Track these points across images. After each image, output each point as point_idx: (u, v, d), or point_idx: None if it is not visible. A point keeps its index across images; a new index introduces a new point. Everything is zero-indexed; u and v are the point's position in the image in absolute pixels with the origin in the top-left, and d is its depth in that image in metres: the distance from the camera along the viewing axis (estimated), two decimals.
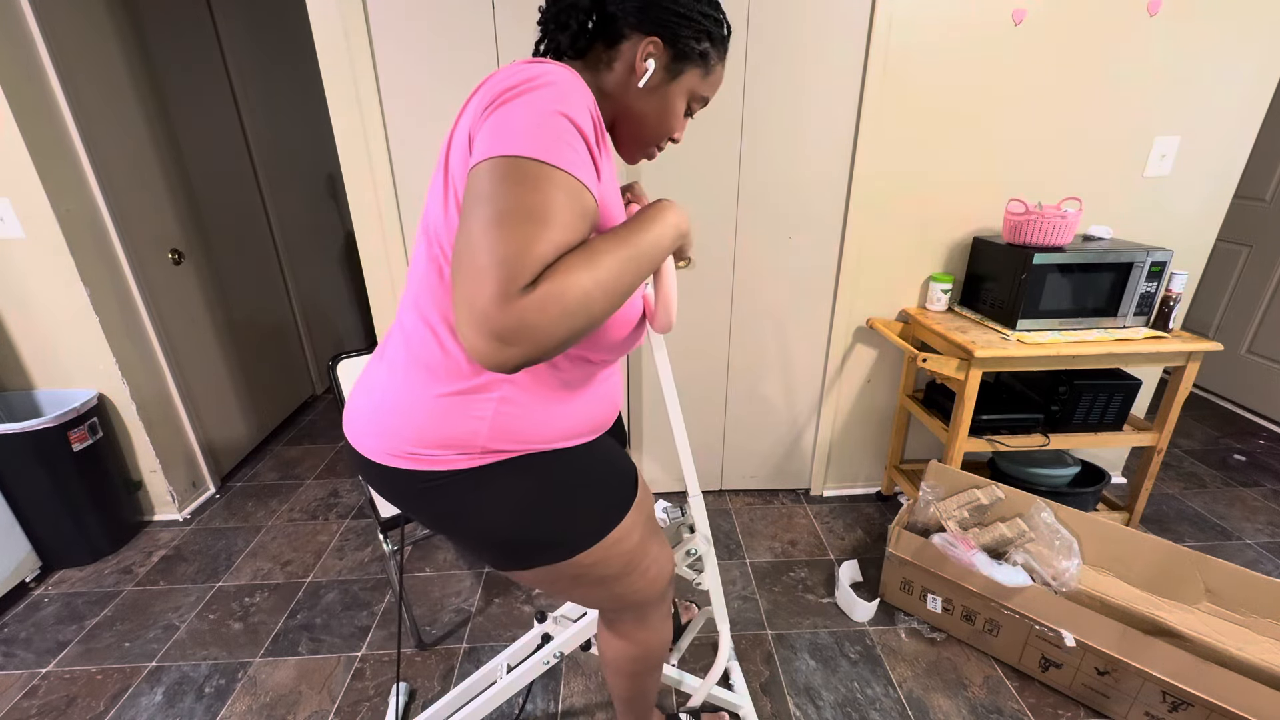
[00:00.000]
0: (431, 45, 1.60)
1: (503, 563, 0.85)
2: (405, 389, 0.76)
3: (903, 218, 1.84)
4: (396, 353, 0.79)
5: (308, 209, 3.07)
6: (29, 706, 1.43)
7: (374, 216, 1.75)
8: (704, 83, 0.80)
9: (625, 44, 0.75)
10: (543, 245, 0.56)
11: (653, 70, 0.75)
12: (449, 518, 0.80)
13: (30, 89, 1.64)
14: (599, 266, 0.59)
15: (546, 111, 0.60)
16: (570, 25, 0.75)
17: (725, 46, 0.81)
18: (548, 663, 1.20)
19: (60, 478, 1.79)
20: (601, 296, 0.59)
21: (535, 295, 0.54)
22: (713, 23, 0.77)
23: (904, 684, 1.47)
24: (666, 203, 0.73)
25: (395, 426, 0.76)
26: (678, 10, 0.74)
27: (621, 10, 0.74)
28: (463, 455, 0.75)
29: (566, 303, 0.56)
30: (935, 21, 1.63)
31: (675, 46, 0.75)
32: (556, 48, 0.78)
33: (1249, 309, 2.76)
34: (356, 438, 0.80)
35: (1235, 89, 1.74)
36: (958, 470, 1.70)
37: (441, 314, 0.73)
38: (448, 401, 0.73)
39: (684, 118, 0.83)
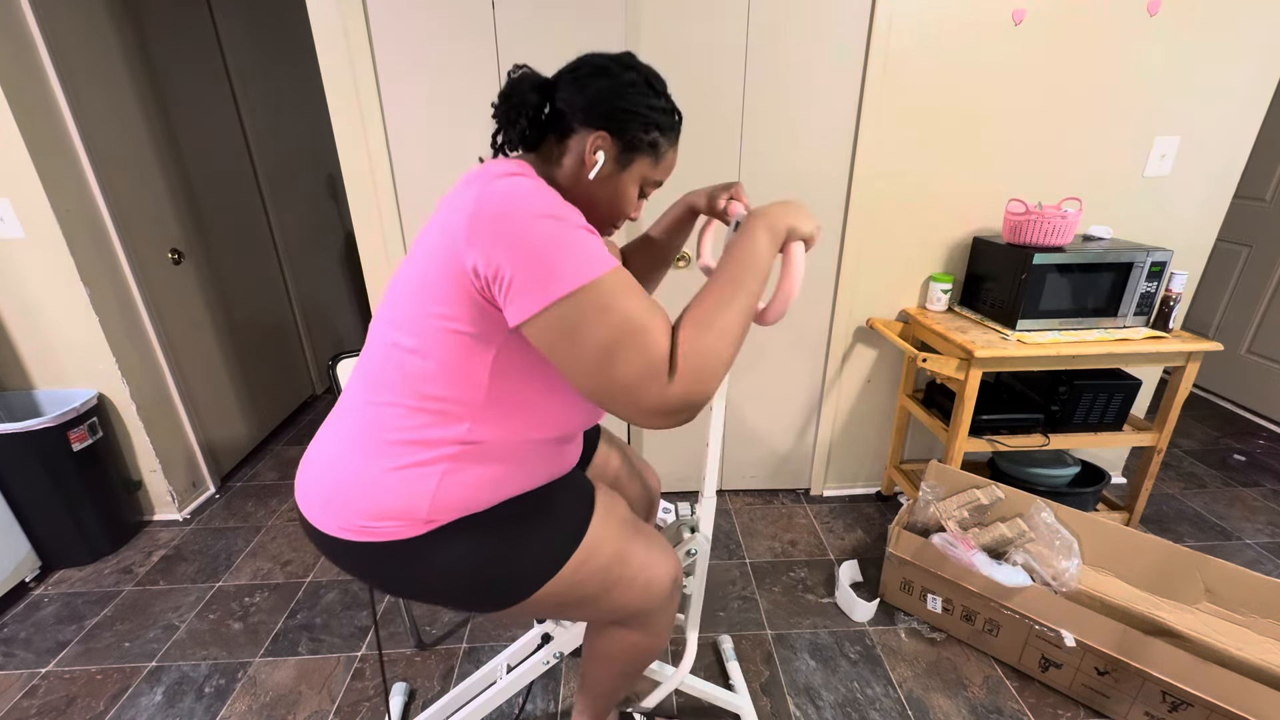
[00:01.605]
0: (431, 45, 1.60)
1: (473, 610, 0.87)
2: (353, 465, 0.78)
3: (903, 217, 1.84)
4: (342, 428, 0.81)
5: (308, 209, 3.07)
6: (29, 706, 1.43)
7: (374, 216, 1.75)
8: (656, 169, 0.83)
9: (574, 138, 0.79)
10: (656, 342, 0.67)
11: (602, 163, 0.78)
12: (402, 584, 0.83)
13: (30, 89, 1.64)
14: (716, 321, 0.70)
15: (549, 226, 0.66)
16: (520, 122, 0.78)
17: (676, 133, 0.84)
18: (548, 663, 1.20)
19: (60, 478, 1.79)
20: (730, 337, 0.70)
21: (682, 375, 0.66)
22: (660, 114, 0.80)
23: (904, 684, 1.47)
24: (757, 215, 0.77)
25: (343, 501, 0.78)
26: (624, 106, 0.77)
27: (569, 107, 0.78)
28: (407, 526, 0.77)
29: (707, 362, 0.68)
30: (935, 21, 1.63)
31: (624, 139, 0.78)
32: (510, 141, 0.81)
33: (1249, 309, 2.76)
34: (307, 509, 0.82)
35: (1235, 89, 1.74)
36: (958, 470, 1.70)
37: (390, 394, 0.76)
38: (392, 476, 0.76)
39: (638, 200, 0.86)
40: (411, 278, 0.74)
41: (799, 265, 0.79)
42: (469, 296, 0.70)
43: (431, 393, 0.75)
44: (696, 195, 1.02)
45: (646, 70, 0.80)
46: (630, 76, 0.78)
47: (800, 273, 0.79)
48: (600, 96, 0.77)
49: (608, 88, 0.77)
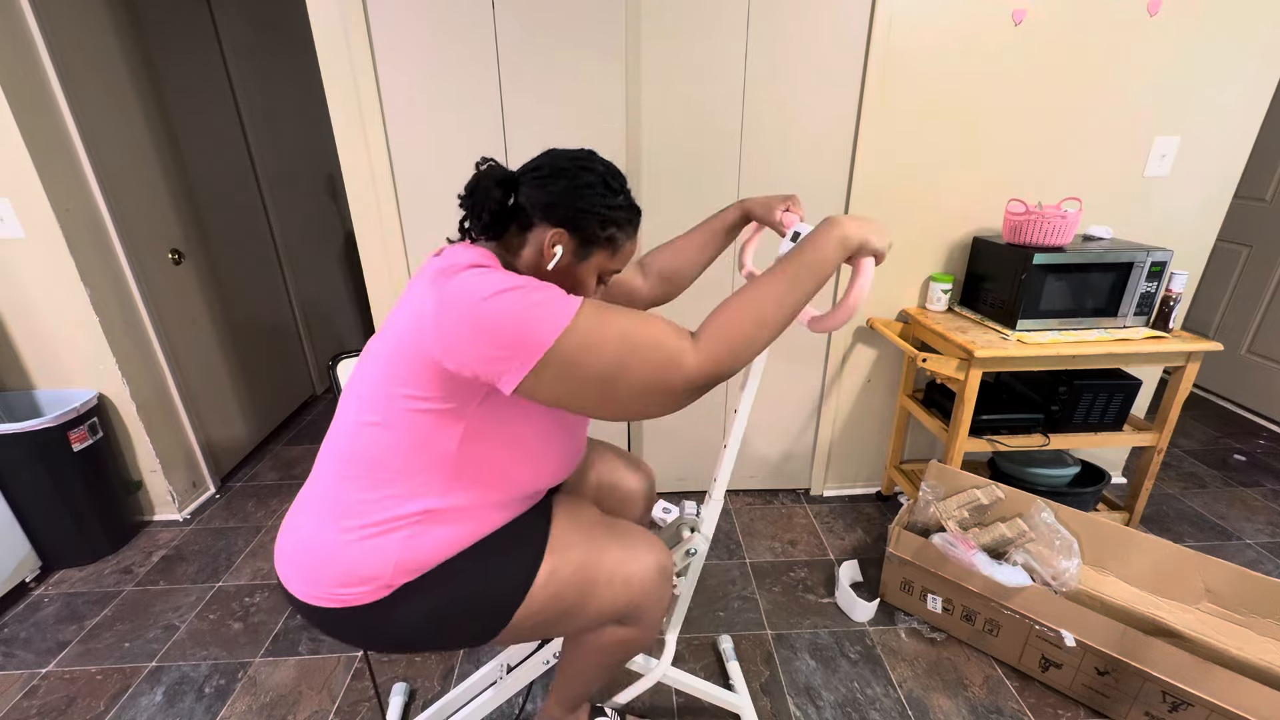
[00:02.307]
0: (431, 45, 1.60)
1: (461, 648, 0.91)
2: (320, 535, 0.82)
3: (903, 217, 1.84)
4: (314, 500, 0.85)
5: (308, 209, 3.07)
6: (29, 706, 1.43)
7: (374, 216, 1.75)
8: (613, 260, 0.87)
9: (535, 231, 0.82)
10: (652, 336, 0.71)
11: (560, 256, 0.82)
12: (380, 642, 0.86)
13: (30, 89, 1.64)
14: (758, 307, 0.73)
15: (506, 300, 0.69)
16: (484, 215, 0.82)
17: (635, 226, 0.87)
18: (547, 663, 1.20)
19: (60, 478, 1.79)
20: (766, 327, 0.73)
21: (703, 343, 0.71)
22: (618, 210, 0.83)
23: (904, 684, 1.47)
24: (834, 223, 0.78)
25: (313, 570, 0.82)
26: (581, 207, 0.81)
27: (530, 204, 0.82)
28: (372, 590, 0.80)
29: (735, 338, 0.71)
30: (935, 21, 1.63)
31: (581, 235, 0.82)
32: (474, 229, 0.84)
33: (1249, 309, 2.76)
34: (284, 577, 0.85)
35: (1235, 89, 1.74)
36: (958, 470, 1.70)
37: (358, 468, 0.80)
38: (358, 547, 0.80)
39: (597, 286, 0.90)
40: (381, 358, 0.78)
41: (867, 280, 0.79)
42: (439, 378, 0.73)
43: (399, 467, 0.78)
44: (752, 202, 1.04)
45: (605, 170, 0.84)
46: (588, 178, 0.82)
47: (868, 288, 0.80)
48: (559, 197, 0.81)
49: (566, 189, 0.81)
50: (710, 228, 1.10)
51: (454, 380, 0.73)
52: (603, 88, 1.66)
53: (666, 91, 1.69)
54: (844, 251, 0.78)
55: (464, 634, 0.87)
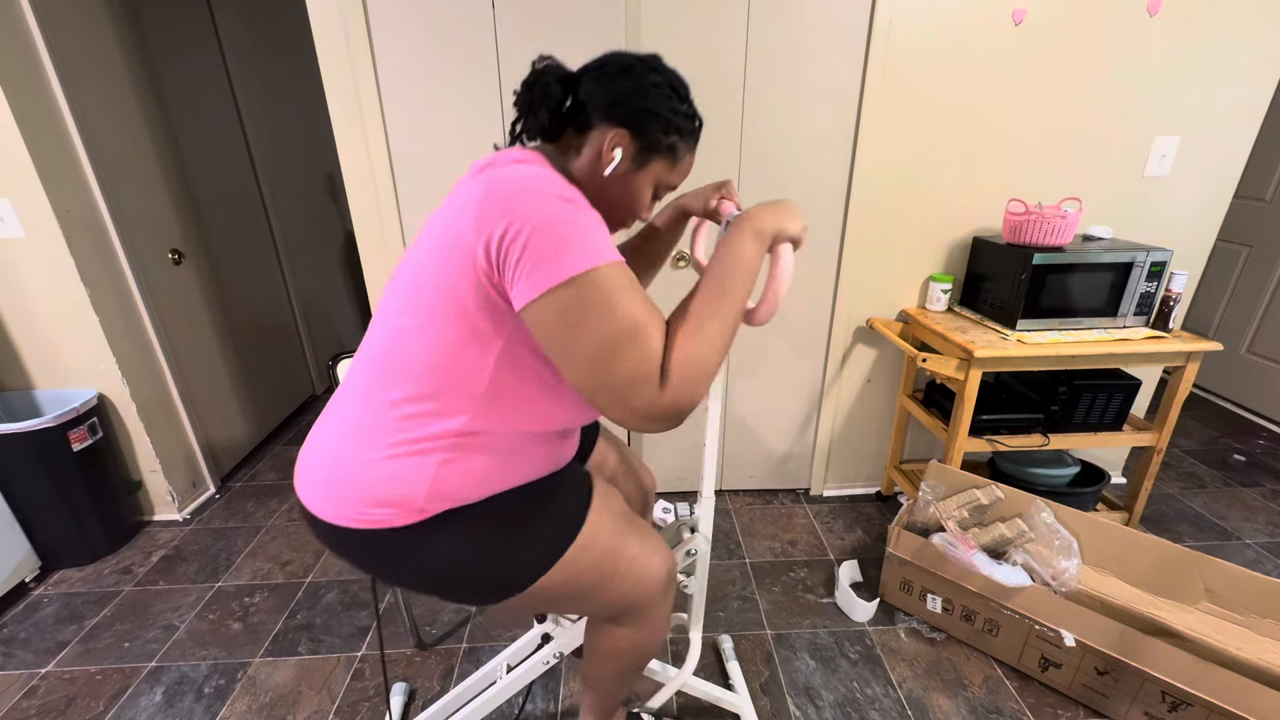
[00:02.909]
0: (431, 45, 1.60)
1: (469, 602, 0.87)
2: (349, 452, 0.78)
3: (903, 217, 1.84)
4: (342, 415, 0.81)
5: (308, 209, 3.07)
6: (29, 706, 1.43)
7: (374, 216, 1.75)
8: (672, 172, 0.83)
9: (594, 132, 0.79)
10: (652, 347, 0.68)
11: (619, 160, 0.78)
12: (401, 573, 0.83)
13: (30, 89, 1.64)
14: (705, 327, 0.71)
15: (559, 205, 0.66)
16: (541, 112, 0.78)
17: (695, 138, 0.84)
18: (548, 663, 1.20)
19: (60, 478, 1.79)
20: (719, 343, 0.72)
21: (673, 382, 0.68)
22: (682, 118, 0.80)
23: (904, 684, 1.47)
24: (743, 219, 0.77)
25: (341, 488, 0.78)
26: (646, 106, 0.77)
27: (591, 101, 0.78)
28: (404, 514, 0.77)
29: (697, 370, 0.69)
30: (935, 21, 1.63)
31: (643, 139, 0.78)
32: (529, 131, 0.81)
33: (1249, 309, 2.76)
34: (306, 496, 0.82)
35: (1235, 89, 1.74)
36: (958, 470, 1.70)
37: (391, 382, 0.76)
38: (387, 464, 0.76)
39: (651, 201, 0.85)
40: (420, 266, 0.74)
41: (787, 266, 0.79)
42: (478, 285, 0.69)
43: (432, 382, 0.74)
44: (688, 197, 1.02)
45: (671, 74, 0.80)
46: (655, 79, 0.78)
47: (789, 273, 0.79)
48: (624, 95, 0.77)
49: (632, 87, 0.77)
50: (648, 234, 1.08)
51: (489, 289, 0.69)
52: None
53: None
54: (761, 242, 0.77)
55: (480, 585, 0.84)
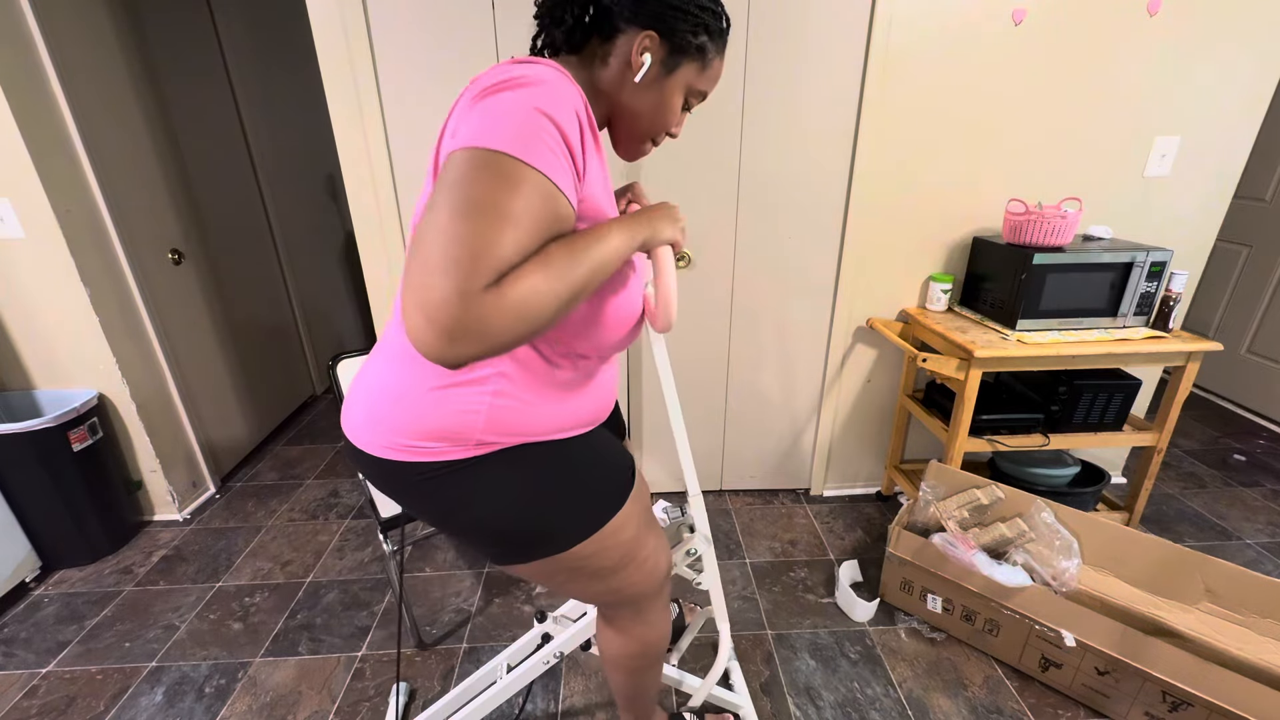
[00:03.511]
0: (431, 45, 1.60)
1: (502, 556, 0.85)
2: (399, 381, 0.76)
3: (903, 217, 1.84)
4: (391, 346, 0.79)
5: (308, 209, 3.07)
6: (29, 706, 1.43)
7: (374, 216, 1.75)
8: (702, 77, 0.80)
9: (621, 38, 0.75)
10: (508, 247, 0.55)
11: (649, 65, 0.75)
12: (445, 511, 0.80)
13: (30, 89, 1.64)
14: (558, 274, 0.59)
15: (528, 109, 0.60)
16: (565, 20, 0.75)
17: (724, 40, 0.80)
18: (548, 663, 1.20)
19: (60, 478, 1.79)
20: (555, 303, 0.59)
21: (493, 297, 0.54)
22: (710, 15, 0.76)
23: (904, 684, 1.47)
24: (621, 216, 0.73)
25: (389, 419, 0.76)
26: (674, 4, 0.74)
27: (617, 4, 0.74)
28: (457, 447, 0.75)
29: (523, 309, 0.56)
30: (935, 21, 1.63)
31: (672, 41, 0.75)
32: (552, 43, 0.78)
33: (1249, 309, 2.76)
34: (352, 431, 0.80)
35: (1235, 89, 1.74)
36: (958, 470, 1.70)
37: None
38: (441, 394, 0.74)
39: (681, 112, 0.82)
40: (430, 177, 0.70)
41: (667, 267, 0.78)
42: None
43: None
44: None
45: None
46: None
47: (671, 273, 0.78)
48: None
49: None
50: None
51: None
52: None
53: None
54: (629, 238, 0.70)
55: (526, 536, 0.81)
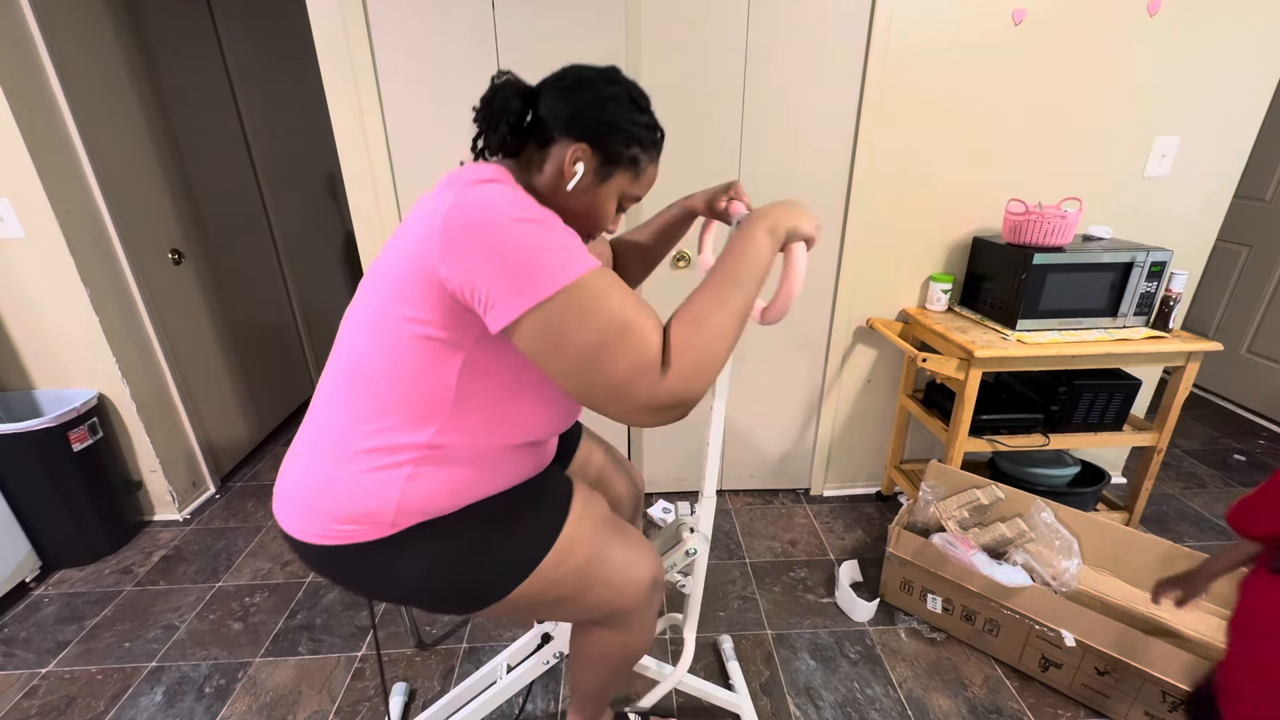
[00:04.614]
0: (431, 45, 1.60)
1: (449, 613, 0.87)
2: (319, 469, 0.79)
3: (903, 217, 1.84)
4: (312, 433, 0.82)
5: (308, 209, 3.07)
6: (29, 706, 1.43)
7: (374, 216, 1.75)
8: (635, 184, 0.83)
9: (555, 147, 0.78)
10: (645, 340, 0.67)
11: (581, 174, 0.78)
12: (375, 587, 0.83)
13: (30, 89, 1.64)
14: (711, 318, 0.70)
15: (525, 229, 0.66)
16: (501, 127, 0.78)
17: (658, 149, 0.83)
18: (548, 663, 1.20)
19: (60, 478, 1.79)
20: (724, 336, 0.70)
21: (674, 370, 0.67)
22: (642, 129, 0.79)
23: (904, 684, 1.47)
24: (757, 215, 0.77)
25: (311, 505, 0.79)
26: (606, 119, 0.77)
27: (551, 116, 0.77)
28: (375, 528, 0.77)
29: (699, 359, 0.68)
30: (935, 21, 1.63)
31: (604, 152, 0.78)
32: (490, 146, 0.81)
33: (1249, 309, 2.76)
34: (281, 516, 0.83)
35: (1235, 89, 1.74)
36: (958, 470, 1.71)
37: (357, 397, 0.76)
38: (358, 479, 0.77)
39: (616, 214, 0.85)
40: (384, 278, 0.74)
41: (801, 265, 0.79)
42: (441, 301, 0.70)
43: (398, 396, 0.75)
44: (695, 198, 1.02)
45: (630, 85, 0.81)
46: (614, 90, 0.78)
47: (802, 273, 0.79)
48: (583, 108, 0.76)
49: (591, 100, 0.77)
50: (653, 230, 1.08)
51: (452, 304, 0.69)
52: None
53: (667, 93, 1.69)
54: (774, 240, 0.76)
55: (460, 597, 0.84)
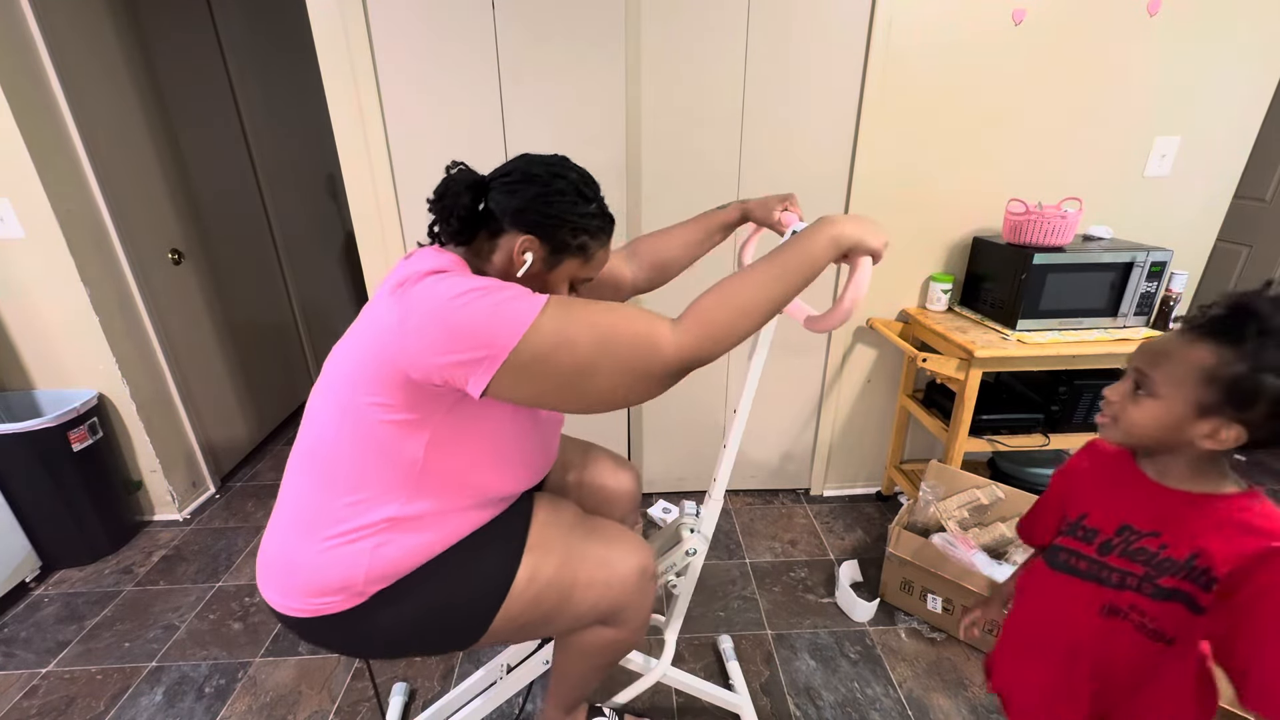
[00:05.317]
0: (431, 45, 1.60)
1: (443, 653, 0.91)
2: (291, 546, 0.82)
3: (903, 218, 1.84)
4: (284, 510, 0.84)
5: (308, 209, 3.07)
6: (29, 706, 1.43)
7: (374, 216, 1.75)
8: (585, 267, 0.86)
9: (505, 237, 0.81)
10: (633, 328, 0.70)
11: (530, 263, 0.80)
12: (359, 647, 0.86)
13: (30, 89, 1.64)
14: (740, 293, 0.73)
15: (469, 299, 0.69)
16: (453, 220, 0.80)
17: (607, 235, 0.86)
18: (547, 663, 1.20)
19: (60, 478, 1.79)
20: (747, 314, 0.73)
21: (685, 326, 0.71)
22: (590, 218, 0.82)
23: (904, 684, 1.47)
24: (827, 221, 0.78)
25: (287, 580, 0.82)
26: (552, 213, 0.79)
27: (500, 210, 0.80)
28: (346, 599, 0.80)
29: (714, 328, 0.71)
30: (935, 21, 1.63)
31: (552, 243, 0.81)
32: (444, 234, 0.83)
33: None
34: (263, 588, 0.85)
35: (1235, 89, 1.74)
36: (958, 470, 1.71)
37: (324, 477, 0.79)
38: (326, 555, 0.79)
39: (569, 294, 0.87)
40: (347, 363, 0.77)
41: (864, 279, 0.78)
42: (404, 387, 0.72)
43: (363, 475, 0.78)
44: (752, 203, 1.03)
45: (578, 176, 0.83)
46: (560, 185, 0.80)
47: (864, 287, 0.78)
48: (529, 203, 0.79)
49: (537, 195, 0.80)
50: (705, 224, 1.09)
51: (420, 390, 0.72)
52: (603, 88, 1.66)
53: (667, 92, 1.69)
54: (836, 250, 0.77)
55: (446, 639, 0.87)
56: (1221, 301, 0.66)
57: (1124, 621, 0.73)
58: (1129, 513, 0.75)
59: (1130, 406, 0.71)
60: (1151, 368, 0.69)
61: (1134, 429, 0.71)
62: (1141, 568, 0.72)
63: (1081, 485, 0.83)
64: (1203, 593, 0.67)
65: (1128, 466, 0.77)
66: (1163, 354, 0.68)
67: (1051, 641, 0.82)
